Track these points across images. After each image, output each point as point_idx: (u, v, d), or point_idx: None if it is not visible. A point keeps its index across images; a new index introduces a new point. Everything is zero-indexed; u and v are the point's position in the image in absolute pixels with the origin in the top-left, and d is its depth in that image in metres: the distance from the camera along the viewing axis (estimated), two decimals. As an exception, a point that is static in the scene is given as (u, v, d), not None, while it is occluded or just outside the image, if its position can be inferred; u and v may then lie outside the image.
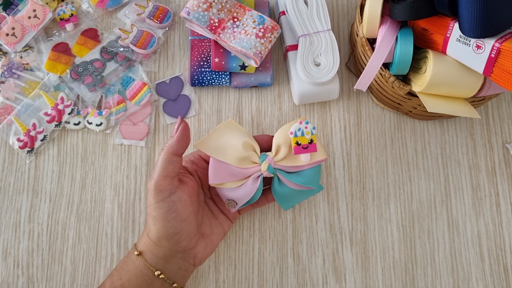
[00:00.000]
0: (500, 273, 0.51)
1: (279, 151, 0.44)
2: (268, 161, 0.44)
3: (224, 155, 0.44)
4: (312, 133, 0.43)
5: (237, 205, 0.45)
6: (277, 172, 0.44)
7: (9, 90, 0.56)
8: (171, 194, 0.41)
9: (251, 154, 0.44)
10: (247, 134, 0.45)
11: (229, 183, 0.44)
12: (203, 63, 0.56)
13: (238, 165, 0.43)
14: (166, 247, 0.42)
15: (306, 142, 0.43)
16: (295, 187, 0.45)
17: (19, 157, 0.55)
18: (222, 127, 0.45)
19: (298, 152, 0.43)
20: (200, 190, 0.47)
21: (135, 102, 0.56)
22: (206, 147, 0.44)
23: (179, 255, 0.43)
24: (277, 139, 0.44)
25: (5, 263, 0.51)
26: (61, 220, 0.53)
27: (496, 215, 0.53)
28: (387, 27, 0.47)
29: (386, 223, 0.53)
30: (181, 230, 0.41)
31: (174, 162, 0.42)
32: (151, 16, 0.58)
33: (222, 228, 0.47)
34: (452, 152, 0.55)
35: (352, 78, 0.58)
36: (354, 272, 0.51)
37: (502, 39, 0.39)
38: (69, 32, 0.58)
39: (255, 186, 0.44)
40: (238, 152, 0.43)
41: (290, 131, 0.43)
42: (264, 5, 0.58)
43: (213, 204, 0.48)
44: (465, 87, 0.46)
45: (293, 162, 0.44)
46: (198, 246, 0.44)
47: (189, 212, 0.42)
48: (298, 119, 0.43)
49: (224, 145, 0.44)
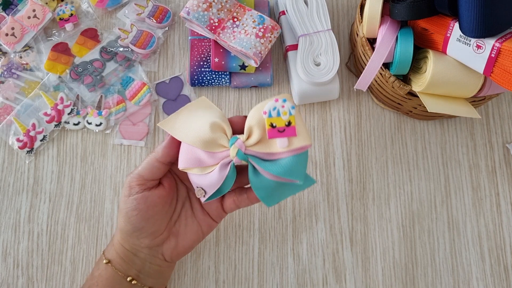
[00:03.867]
0: (500, 273, 0.51)
1: (251, 134, 0.37)
2: (237, 145, 0.37)
3: (189, 137, 0.38)
4: (291, 114, 0.36)
5: (206, 194, 0.39)
6: (251, 160, 0.37)
7: (8, 90, 0.56)
8: (138, 193, 0.40)
9: (219, 136, 0.37)
10: (219, 115, 0.39)
11: (196, 168, 0.38)
12: (203, 63, 0.56)
13: (205, 149, 0.37)
14: (128, 241, 0.42)
15: (283, 125, 0.36)
16: (274, 178, 0.37)
17: (19, 157, 0.55)
18: (192, 106, 0.40)
19: (273, 136, 0.36)
20: (181, 185, 0.45)
21: (134, 102, 0.56)
22: (170, 127, 0.38)
23: (145, 250, 0.42)
24: (250, 120, 0.37)
25: (5, 264, 0.51)
26: (60, 220, 0.53)
27: (497, 215, 0.53)
28: (387, 27, 0.47)
29: (386, 223, 0.53)
30: (141, 228, 0.41)
31: (155, 168, 0.40)
32: (151, 16, 0.58)
33: (199, 228, 0.44)
34: (453, 152, 0.55)
35: (352, 78, 0.58)
36: (354, 272, 0.51)
37: (502, 39, 0.39)
38: (68, 32, 0.58)
39: (223, 174, 0.37)
40: (203, 134, 0.37)
41: (264, 110, 0.36)
42: (264, 5, 0.58)
43: (196, 201, 0.45)
44: (465, 87, 0.46)
45: (268, 148, 0.37)
46: (166, 244, 0.43)
47: (154, 213, 0.41)
48: (275, 97, 0.36)
49: (190, 125, 0.38)
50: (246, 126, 0.37)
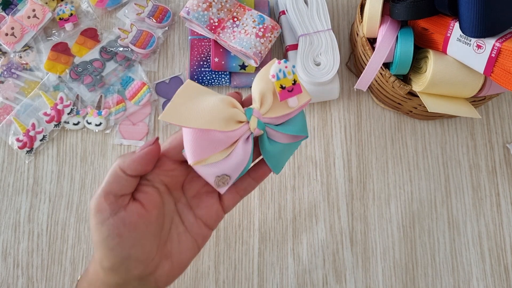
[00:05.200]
0: (501, 273, 0.51)
1: (264, 101, 0.36)
2: (256, 115, 0.35)
3: (203, 120, 0.34)
4: (293, 72, 0.36)
5: (231, 179, 0.36)
6: (267, 127, 0.36)
7: (8, 90, 0.56)
8: (112, 215, 0.32)
9: (234, 111, 0.35)
10: (214, 92, 0.37)
11: (213, 156, 0.35)
12: (202, 62, 0.56)
13: (223, 128, 0.34)
14: (114, 276, 0.34)
15: (290, 84, 0.36)
16: (286, 140, 0.37)
17: (19, 157, 0.55)
18: (184, 91, 0.36)
19: (284, 97, 0.36)
20: (168, 198, 0.37)
21: (134, 102, 0.56)
22: (174, 117, 0.34)
23: (134, 282, 0.34)
24: (258, 88, 0.36)
25: (5, 264, 0.51)
26: (60, 220, 0.53)
27: (497, 215, 0.53)
28: (388, 26, 0.47)
29: (387, 223, 0.53)
30: (128, 258, 0.33)
31: (121, 180, 0.33)
32: (151, 16, 0.58)
33: (195, 243, 0.38)
34: (453, 152, 0.55)
35: (352, 78, 0.58)
36: (355, 272, 0.51)
37: (502, 38, 0.39)
38: (68, 32, 0.58)
39: (248, 149, 0.36)
40: (221, 112, 0.34)
41: (271, 74, 0.35)
42: (264, 5, 0.58)
43: (189, 211, 0.38)
44: (465, 87, 0.46)
45: (281, 111, 0.36)
46: (160, 270, 0.35)
47: (139, 236, 0.33)
48: (275, 59, 0.36)
49: (198, 109, 0.34)
50: (257, 94, 0.36)
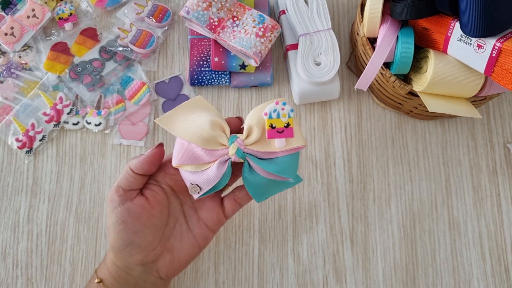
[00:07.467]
0: (501, 273, 0.51)
1: (250, 133, 0.39)
2: (237, 144, 0.39)
3: (188, 133, 0.39)
4: (290, 116, 0.38)
5: (201, 191, 0.40)
6: (248, 158, 0.39)
7: (7, 90, 0.56)
8: (120, 205, 0.40)
9: (218, 134, 0.39)
10: (217, 114, 0.41)
11: (190, 165, 0.39)
12: (202, 62, 0.56)
13: (204, 146, 0.38)
14: (121, 258, 0.41)
15: (282, 126, 0.38)
16: (268, 176, 0.40)
17: (18, 157, 0.55)
18: (189, 104, 0.41)
19: (272, 136, 0.38)
20: (174, 199, 0.43)
21: (134, 102, 0.56)
22: (168, 124, 0.39)
23: (138, 268, 0.41)
24: (250, 120, 0.39)
25: (4, 264, 0.51)
26: (60, 221, 0.53)
27: (497, 215, 0.53)
28: (388, 26, 0.47)
29: (387, 223, 0.53)
30: (132, 243, 0.40)
31: (129, 177, 0.40)
32: (151, 15, 0.57)
33: (196, 242, 0.43)
34: (453, 152, 0.55)
35: (353, 78, 0.58)
36: (355, 272, 0.51)
37: (503, 38, 0.39)
38: (68, 32, 0.58)
39: (221, 171, 0.39)
40: (203, 131, 0.38)
41: (265, 112, 0.38)
42: (264, 4, 0.58)
43: (193, 213, 0.44)
44: (466, 87, 0.46)
45: (266, 147, 0.39)
46: (161, 260, 0.42)
47: (142, 226, 0.40)
48: (275, 99, 0.38)
49: (189, 123, 0.39)
50: (246, 126, 0.39)
